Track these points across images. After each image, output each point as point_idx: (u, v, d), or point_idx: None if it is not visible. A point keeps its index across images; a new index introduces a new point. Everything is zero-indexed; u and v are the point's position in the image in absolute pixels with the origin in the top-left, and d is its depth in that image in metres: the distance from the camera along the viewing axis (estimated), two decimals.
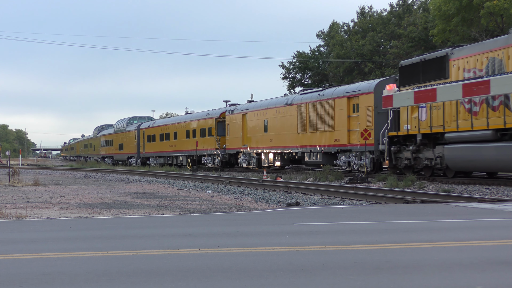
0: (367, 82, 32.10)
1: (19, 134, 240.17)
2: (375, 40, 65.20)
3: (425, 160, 25.58)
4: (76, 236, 10.04)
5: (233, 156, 46.50)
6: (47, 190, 26.52)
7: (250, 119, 43.02)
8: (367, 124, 29.99)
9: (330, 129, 33.08)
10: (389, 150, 27.54)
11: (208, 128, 49.01)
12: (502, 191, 19.70)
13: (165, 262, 7.35)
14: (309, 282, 6.21)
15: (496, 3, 42.72)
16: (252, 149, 42.48)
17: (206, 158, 49.82)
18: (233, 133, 45.43)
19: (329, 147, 33.29)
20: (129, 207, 18.14)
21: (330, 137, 33.02)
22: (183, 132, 54.27)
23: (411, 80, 26.26)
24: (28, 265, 7.29)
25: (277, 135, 38.83)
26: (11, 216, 14.20)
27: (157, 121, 66.80)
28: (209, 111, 50.72)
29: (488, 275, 6.49)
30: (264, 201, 20.46)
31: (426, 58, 25.77)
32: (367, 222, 11.41)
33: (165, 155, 58.40)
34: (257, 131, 41.87)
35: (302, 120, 35.83)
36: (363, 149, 29.91)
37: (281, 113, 38.54)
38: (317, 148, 34.25)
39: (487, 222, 11.43)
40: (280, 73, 74.59)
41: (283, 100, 39.19)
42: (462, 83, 22.28)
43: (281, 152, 38.80)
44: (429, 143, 25.48)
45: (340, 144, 32.18)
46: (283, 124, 38.22)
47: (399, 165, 27.25)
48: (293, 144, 36.83)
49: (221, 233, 10.13)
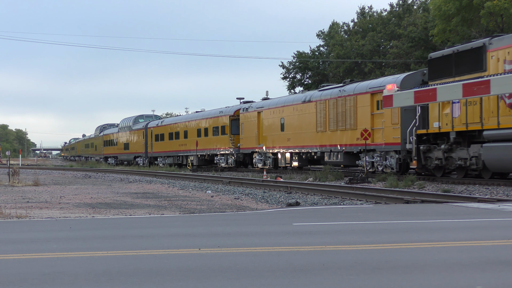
0: (392, 76, 30.09)
1: (19, 134, 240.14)
2: (375, 40, 65.20)
3: (459, 160, 23.73)
4: (76, 236, 10.03)
5: (248, 156, 44.77)
6: (47, 190, 26.52)
7: (266, 117, 41.23)
8: (392, 122, 28.13)
9: (352, 128, 31.30)
10: (418, 149, 25.62)
11: (221, 127, 47.16)
12: (502, 191, 19.70)
13: (165, 262, 7.35)
14: (309, 282, 6.21)
15: (496, 3, 42.73)
16: (268, 149, 40.73)
17: (218, 158, 48.02)
18: (247, 132, 43.62)
19: (350, 147, 31.49)
20: (129, 207, 18.13)
21: (352, 136, 31.23)
22: (194, 130, 52.42)
23: (442, 74, 24.17)
24: (28, 265, 7.29)
25: (295, 134, 37.08)
26: (11, 216, 14.20)
27: (166, 119, 64.40)
28: (222, 109, 48.84)
29: (488, 275, 6.49)
30: (264, 201, 20.46)
31: (459, 50, 23.72)
32: (367, 222, 11.41)
33: (175, 155, 56.55)
34: (273, 130, 40.09)
35: (322, 118, 34.06)
36: (388, 148, 28.34)
37: (299, 111, 36.68)
38: (337, 147, 32.46)
39: (487, 222, 11.43)
40: (280, 73, 74.67)
41: (300, 97, 37.46)
42: (462, 83, 22.26)
43: (299, 152, 37.02)
44: (464, 142, 23.65)
45: (363, 144, 30.41)
46: (301, 122, 36.41)
47: (429, 166, 25.41)
48: (312, 143, 35.09)
49: (221, 233, 10.12)
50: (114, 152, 76.28)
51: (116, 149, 75.38)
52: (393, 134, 27.94)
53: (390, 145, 28.24)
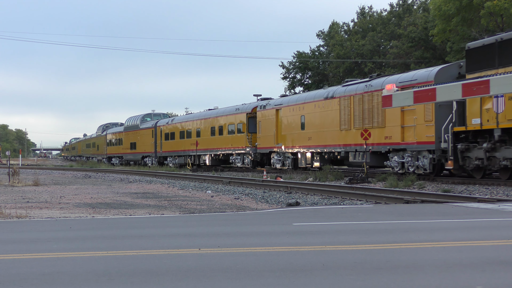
0: (425, 69, 27.69)
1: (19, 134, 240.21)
2: (375, 40, 65.22)
3: (504, 160, 21.70)
4: (76, 236, 10.03)
5: (265, 156, 42.46)
6: (47, 190, 26.52)
7: (285, 115, 38.76)
8: (425, 119, 25.86)
9: (379, 125, 29.04)
10: (455, 148, 23.50)
11: (238, 125, 44.86)
12: (502, 191, 19.70)
13: (165, 262, 7.35)
14: (309, 282, 6.21)
15: (496, 3, 42.76)
16: (287, 149, 38.31)
17: (234, 158, 45.94)
18: (265, 131, 41.15)
19: (378, 146, 29.19)
20: (129, 207, 18.13)
21: (380, 134, 29.02)
22: (207, 129, 49.95)
23: (483, 65, 22.21)
24: (28, 265, 7.29)
25: (316, 133, 34.70)
26: (11, 216, 14.20)
27: (177, 117, 61.14)
28: (238, 106, 46.34)
29: (488, 275, 6.49)
30: (264, 201, 20.46)
31: (503, 38, 21.65)
32: (367, 222, 11.41)
33: (186, 154, 53.85)
34: (292, 128, 37.57)
35: (346, 115, 31.73)
36: (421, 147, 26.07)
37: (321, 108, 34.25)
38: (363, 147, 30.08)
39: (487, 222, 11.43)
40: (280, 73, 74.75)
41: (322, 93, 35.01)
42: (461, 83, 22.24)
43: (321, 152, 34.55)
44: (510, 140, 21.75)
45: (392, 143, 28.07)
46: (323, 120, 34.04)
47: (467, 166, 23.33)
48: (335, 142, 32.73)
49: (221, 233, 10.12)
50: (119, 152, 73.68)
51: (121, 148, 72.62)
52: (426, 132, 25.78)
53: (422, 144, 26.02)
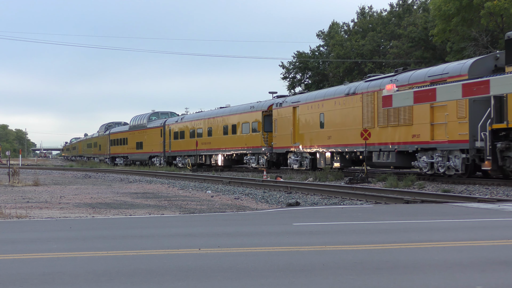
0: (458, 62, 25.80)
1: (19, 134, 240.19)
2: (375, 40, 65.23)
3: None
4: (76, 236, 10.03)
5: (282, 156, 40.60)
6: (47, 190, 26.51)
7: (303, 113, 36.76)
8: (458, 115, 24.00)
9: (406, 123, 27.14)
10: (493, 147, 21.73)
11: (253, 123, 43.03)
12: (502, 191, 19.71)
13: (165, 262, 7.35)
14: (309, 282, 6.21)
15: (496, 3, 42.78)
16: (305, 148, 36.39)
17: (248, 158, 44.15)
18: (281, 130, 39.29)
19: (405, 145, 27.26)
20: (129, 207, 18.13)
21: (407, 133, 27.08)
22: (220, 127, 48.05)
23: None
24: (28, 265, 7.29)
25: (337, 131, 32.75)
26: (11, 216, 14.20)
27: (186, 116, 58.70)
28: (253, 104, 44.58)
29: (488, 275, 6.49)
30: (264, 201, 20.46)
31: None
32: (367, 222, 11.41)
33: (196, 154, 51.87)
34: (311, 127, 35.64)
35: (369, 112, 29.83)
36: (453, 146, 24.21)
37: (342, 105, 32.41)
38: (388, 146, 28.33)
39: (487, 222, 11.43)
40: (280, 73, 74.77)
41: (343, 89, 33.06)
42: (461, 83, 22.24)
43: (342, 152, 32.61)
44: None
45: (421, 141, 26.13)
46: (344, 117, 32.17)
47: (508, 167, 21.61)
48: (357, 142, 30.66)
49: (221, 233, 10.12)
50: (124, 152, 71.34)
51: (126, 148, 70.29)
52: (459, 130, 23.96)
53: (455, 142, 24.18)
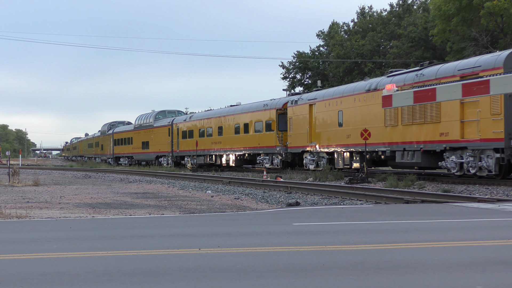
0: (491, 54, 23.91)
1: (19, 134, 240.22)
2: (375, 40, 65.23)
3: None
4: (76, 236, 10.04)
5: (297, 156, 38.92)
6: (47, 190, 26.51)
7: (319, 111, 35.19)
8: (492, 112, 22.58)
9: (433, 120, 25.58)
10: None
11: (266, 122, 41.41)
12: (502, 191, 19.71)
13: (165, 262, 7.35)
14: (309, 282, 6.21)
15: (496, 3, 42.79)
16: (322, 148, 34.76)
17: (262, 158, 42.46)
18: (296, 128, 37.63)
19: (432, 144, 25.61)
20: (129, 207, 18.13)
21: (434, 131, 25.53)
22: (231, 126, 46.38)
23: None
24: (28, 265, 7.29)
25: (357, 130, 30.80)
26: (11, 216, 14.20)
27: (196, 114, 56.77)
28: (266, 102, 43.04)
29: (488, 275, 6.49)
30: (264, 201, 20.46)
31: None
32: (367, 222, 11.41)
33: (206, 154, 50.29)
34: (328, 125, 34.11)
35: (392, 109, 27.77)
36: (486, 146, 22.79)
37: (362, 102, 30.81)
38: (414, 145, 26.67)
39: (487, 222, 11.44)
40: (280, 73, 74.74)
41: (363, 85, 31.37)
42: (461, 82, 22.25)
43: (362, 151, 30.98)
44: None
45: (449, 140, 24.61)
46: (364, 115, 30.55)
47: None
48: (379, 140, 29.24)
49: (221, 233, 10.13)
50: (129, 152, 69.24)
51: (131, 148, 68.24)
52: (492, 128, 22.53)
53: (488, 141, 22.77)
